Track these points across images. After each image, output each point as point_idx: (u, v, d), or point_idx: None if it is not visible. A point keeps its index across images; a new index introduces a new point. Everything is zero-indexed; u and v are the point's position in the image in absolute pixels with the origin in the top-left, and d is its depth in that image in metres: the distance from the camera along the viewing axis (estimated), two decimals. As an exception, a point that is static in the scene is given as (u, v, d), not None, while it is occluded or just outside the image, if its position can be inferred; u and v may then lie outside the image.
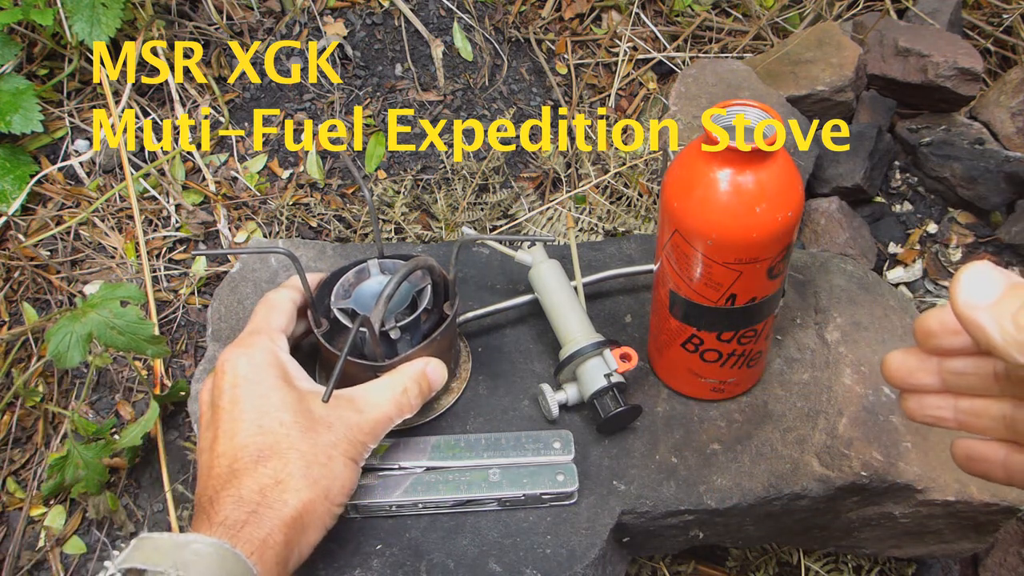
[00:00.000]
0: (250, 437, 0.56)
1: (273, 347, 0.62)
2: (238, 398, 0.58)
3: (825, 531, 0.78)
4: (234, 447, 0.56)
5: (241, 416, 0.57)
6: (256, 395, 0.58)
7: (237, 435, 0.56)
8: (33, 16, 1.02)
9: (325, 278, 0.73)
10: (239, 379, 0.59)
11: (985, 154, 1.07)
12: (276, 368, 0.60)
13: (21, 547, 0.91)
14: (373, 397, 0.63)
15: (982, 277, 0.37)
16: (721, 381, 0.73)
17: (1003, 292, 0.36)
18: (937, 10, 1.25)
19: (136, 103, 1.13)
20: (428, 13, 1.21)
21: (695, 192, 0.61)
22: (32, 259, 1.04)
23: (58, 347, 0.80)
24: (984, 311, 0.36)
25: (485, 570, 0.66)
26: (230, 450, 0.56)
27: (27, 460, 0.96)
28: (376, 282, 0.75)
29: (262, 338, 0.62)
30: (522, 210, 1.14)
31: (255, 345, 0.61)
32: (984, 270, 0.37)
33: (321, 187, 1.14)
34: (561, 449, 0.70)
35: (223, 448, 0.56)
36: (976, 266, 0.37)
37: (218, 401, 0.59)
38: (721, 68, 1.13)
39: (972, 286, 0.37)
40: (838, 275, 0.85)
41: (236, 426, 0.57)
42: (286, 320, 0.66)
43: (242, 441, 0.56)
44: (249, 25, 1.19)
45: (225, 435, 0.56)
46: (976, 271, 0.37)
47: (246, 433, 0.56)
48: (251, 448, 0.56)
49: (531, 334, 0.81)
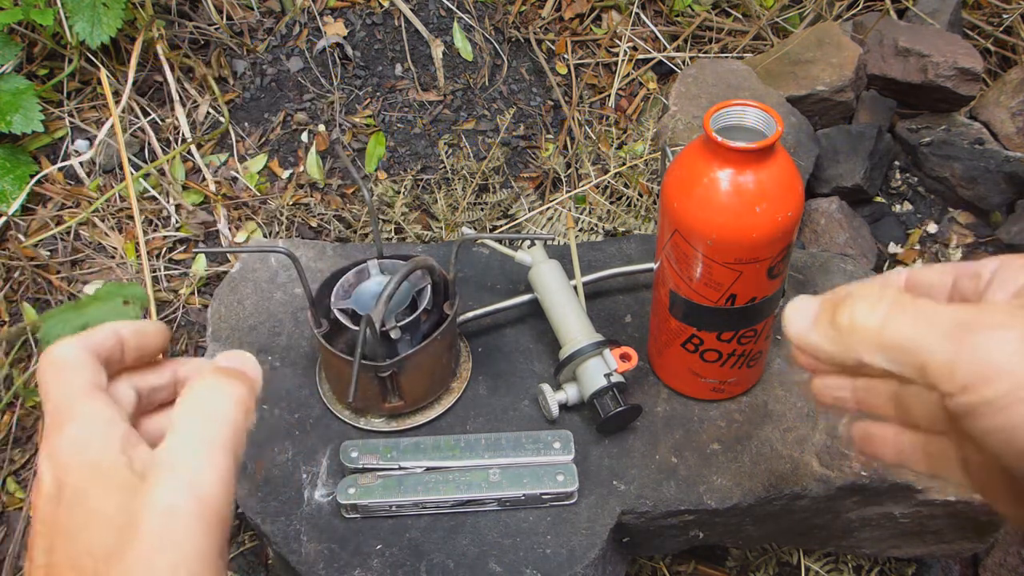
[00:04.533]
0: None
1: (91, 427, 0.42)
2: (53, 519, 0.40)
3: (825, 531, 0.78)
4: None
5: (55, 550, 0.39)
6: (71, 515, 0.39)
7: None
8: (33, 16, 1.02)
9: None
10: (57, 491, 0.40)
11: (985, 154, 1.07)
12: (101, 461, 0.40)
13: (21, 547, 0.91)
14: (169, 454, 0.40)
15: (800, 307, 0.41)
16: (721, 381, 0.73)
17: (817, 310, 0.40)
18: (937, 10, 1.25)
19: (136, 103, 1.13)
20: (428, 13, 1.21)
21: (695, 192, 0.61)
22: (32, 259, 1.04)
23: (50, 332, 0.80)
24: (809, 332, 0.40)
25: (485, 570, 0.66)
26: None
27: (27, 460, 0.96)
28: (376, 282, 0.75)
29: (73, 417, 0.42)
30: (522, 210, 1.14)
31: (68, 432, 0.41)
32: (799, 302, 0.41)
33: (321, 187, 1.14)
34: (561, 449, 0.70)
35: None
36: (793, 303, 0.41)
37: (35, 523, 0.41)
38: (721, 68, 1.13)
39: (795, 318, 0.41)
40: (838, 275, 0.85)
41: (51, 570, 0.39)
42: (91, 373, 0.44)
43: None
44: (249, 25, 1.19)
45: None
46: (794, 306, 0.41)
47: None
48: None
49: (531, 334, 0.81)
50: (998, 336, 0.34)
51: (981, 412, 0.34)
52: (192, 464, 0.38)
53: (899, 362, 0.36)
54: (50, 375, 0.43)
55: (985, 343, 0.34)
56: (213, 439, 0.39)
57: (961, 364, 0.34)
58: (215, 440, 0.39)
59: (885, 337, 0.37)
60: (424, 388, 0.74)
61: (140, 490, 0.38)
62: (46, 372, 0.44)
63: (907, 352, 0.36)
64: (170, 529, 0.37)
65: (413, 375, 0.71)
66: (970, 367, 0.34)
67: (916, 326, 0.36)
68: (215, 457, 0.39)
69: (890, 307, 0.37)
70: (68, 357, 0.44)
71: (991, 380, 0.33)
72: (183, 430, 0.39)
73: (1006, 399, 0.33)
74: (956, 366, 0.34)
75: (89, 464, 0.39)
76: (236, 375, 0.43)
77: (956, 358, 0.34)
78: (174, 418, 0.40)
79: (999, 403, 0.33)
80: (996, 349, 0.34)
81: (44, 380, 0.43)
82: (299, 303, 0.84)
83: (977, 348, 0.34)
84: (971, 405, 0.34)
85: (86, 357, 0.44)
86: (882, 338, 0.37)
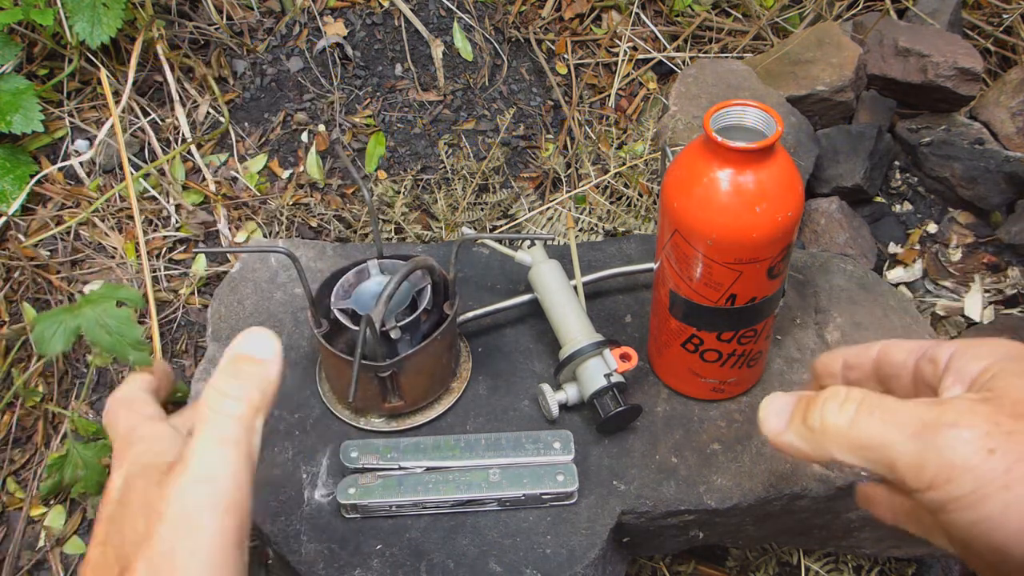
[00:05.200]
0: (110, 567, 0.44)
1: (156, 442, 0.49)
2: (110, 518, 0.46)
3: (825, 531, 0.78)
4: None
5: (107, 543, 0.45)
6: (122, 510, 0.45)
7: (99, 568, 0.44)
8: (33, 16, 1.02)
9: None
10: (119, 495, 0.46)
11: (985, 154, 1.07)
12: (152, 463, 0.47)
13: (21, 547, 0.91)
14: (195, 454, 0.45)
15: (774, 406, 0.43)
16: (721, 381, 0.73)
17: (791, 409, 0.42)
18: (937, 10, 1.25)
19: (136, 103, 1.13)
20: (428, 13, 1.21)
21: (695, 192, 0.61)
22: (32, 259, 1.04)
23: (43, 333, 0.80)
24: (783, 433, 0.42)
25: (485, 570, 0.66)
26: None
27: (27, 460, 0.96)
28: (376, 282, 0.75)
29: (142, 436, 0.50)
30: (522, 210, 1.14)
31: (136, 447, 0.49)
32: (773, 401, 0.43)
33: (321, 187, 1.14)
34: (561, 449, 0.70)
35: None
36: (767, 401, 0.43)
37: (96, 526, 0.46)
38: (721, 68, 1.13)
39: (769, 418, 0.43)
40: (838, 275, 0.85)
41: (100, 559, 0.44)
42: (154, 408, 0.54)
43: (103, 573, 0.44)
44: (249, 25, 1.19)
45: (90, 571, 0.44)
46: (767, 406, 0.43)
47: (108, 565, 0.44)
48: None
49: (531, 334, 0.81)
50: (959, 435, 0.35)
51: (950, 508, 0.35)
52: (205, 459, 0.43)
53: (869, 460, 0.38)
54: (120, 410, 0.53)
55: (947, 442, 0.35)
56: (224, 437, 0.44)
57: (927, 463, 0.36)
58: (226, 438, 0.44)
59: (854, 437, 0.38)
60: (424, 388, 0.74)
61: (163, 483, 0.43)
62: (117, 407, 0.53)
63: (876, 451, 0.37)
64: (187, 515, 0.41)
65: (413, 375, 0.71)
66: (935, 466, 0.35)
67: (883, 426, 0.38)
68: (226, 453, 0.44)
69: (858, 407, 0.39)
70: (134, 395, 0.55)
71: (955, 479, 0.35)
72: (198, 431, 0.45)
73: (972, 497, 0.34)
74: (923, 465, 0.36)
75: (143, 467, 0.46)
76: (247, 370, 0.47)
77: (922, 458, 0.36)
78: (195, 421, 0.45)
79: (965, 500, 0.35)
80: (958, 448, 0.35)
81: (114, 413, 0.53)
82: (299, 303, 0.84)
83: (941, 448, 0.35)
84: (940, 502, 0.36)
85: (146, 394, 0.55)
86: (851, 438, 0.39)
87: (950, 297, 1.02)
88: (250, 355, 0.48)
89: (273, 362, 0.48)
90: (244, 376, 0.47)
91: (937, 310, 1.00)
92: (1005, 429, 0.35)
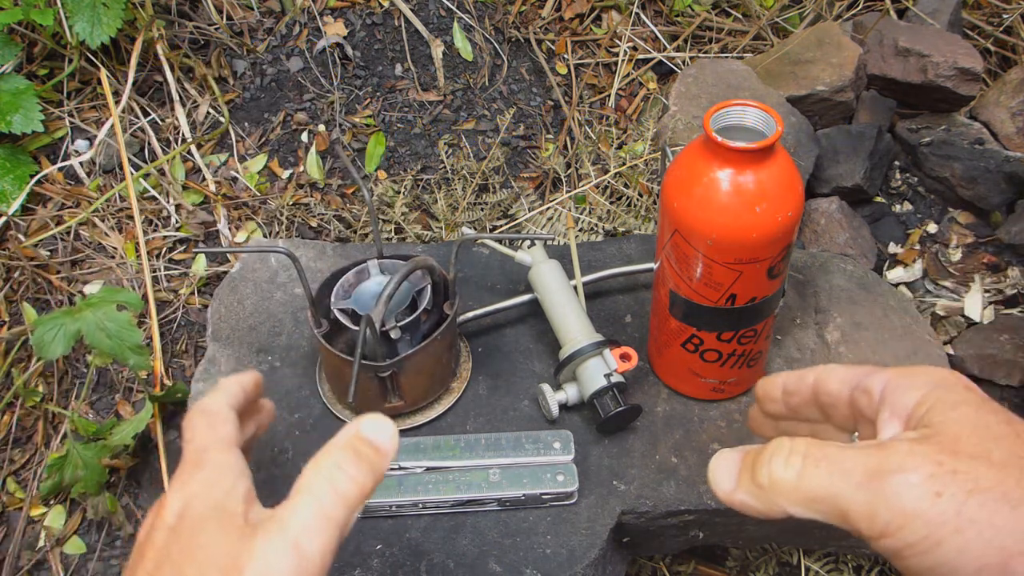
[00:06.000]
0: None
1: (224, 473, 0.47)
2: (165, 548, 0.43)
3: (825, 531, 0.78)
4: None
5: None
6: (184, 548, 0.43)
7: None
8: (33, 16, 1.02)
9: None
10: (176, 522, 0.44)
11: (985, 154, 1.07)
12: (224, 504, 0.45)
13: (21, 547, 0.91)
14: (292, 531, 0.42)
15: (722, 466, 0.43)
16: (721, 381, 0.73)
17: (739, 467, 0.42)
18: (937, 10, 1.25)
19: (136, 103, 1.13)
20: (428, 13, 1.21)
21: (695, 192, 0.61)
22: (32, 259, 1.04)
23: (43, 337, 0.80)
24: (735, 492, 0.42)
25: (485, 570, 0.66)
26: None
27: (27, 460, 0.95)
28: (376, 282, 0.75)
29: (211, 461, 0.47)
30: (522, 210, 1.14)
31: (202, 473, 0.47)
32: (721, 460, 0.43)
33: (321, 187, 1.14)
34: (561, 449, 0.70)
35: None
36: (715, 459, 0.43)
37: (144, 546, 0.44)
38: (721, 68, 1.13)
39: (719, 477, 0.43)
40: (838, 275, 0.84)
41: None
42: (232, 428, 0.51)
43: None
44: (249, 25, 1.19)
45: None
46: (716, 465, 0.43)
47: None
48: None
49: (531, 334, 0.81)
50: (904, 479, 0.35)
51: (905, 555, 0.35)
52: (302, 528, 0.41)
53: (821, 512, 0.38)
54: (200, 422, 0.49)
55: (894, 489, 0.35)
56: (327, 513, 0.42)
57: (878, 512, 0.35)
58: (329, 514, 0.42)
59: (804, 491, 0.38)
60: (424, 388, 0.74)
61: (250, 538, 0.41)
62: (198, 419, 0.50)
63: (827, 503, 0.37)
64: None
65: (413, 375, 0.71)
66: (886, 514, 0.35)
67: (830, 478, 0.37)
68: (324, 529, 0.42)
69: (803, 460, 0.39)
70: (218, 410, 0.51)
71: (906, 525, 0.35)
72: (303, 497, 0.43)
73: (925, 543, 0.34)
74: (874, 514, 0.35)
75: (212, 505, 0.43)
76: (367, 454, 0.45)
77: (872, 507, 0.36)
78: (299, 484, 0.43)
79: (919, 547, 0.34)
80: (904, 494, 0.35)
81: (193, 425, 0.49)
82: (299, 303, 0.84)
83: (888, 496, 0.35)
84: (894, 549, 0.35)
85: (231, 414, 0.51)
86: (801, 492, 0.38)
87: (950, 297, 1.02)
88: (374, 441, 0.46)
89: (391, 456, 0.47)
90: (364, 459, 0.45)
91: (937, 310, 1.00)
92: (948, 468, 0.35)
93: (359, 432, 0.46)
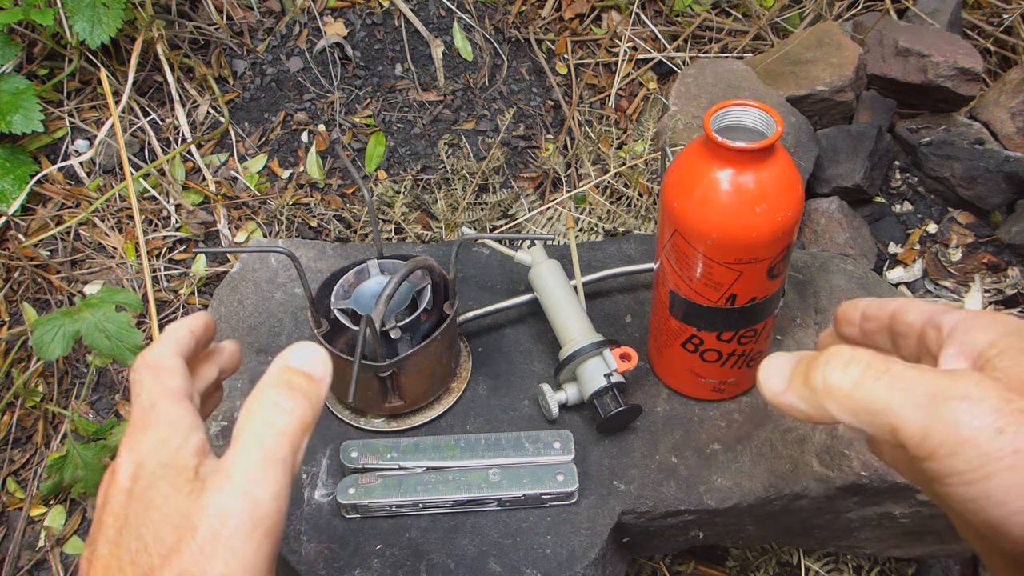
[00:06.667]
0: (126, 573, 0.41)
1: (174, 428, 0.45)
2: (123, 511, 0.42)
3: (825, 531, 0.78)
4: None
5: (120, 543, 0.41)
6: (140, 509, 0.42)
7: (111, 570, 0.41)
8: (33, 16, 1.02)
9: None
10: (131, 484, 0.43)
11: (985, 154, 1.07)
12: (175, 461, 0.43)
13: (21, 547, 0.91)
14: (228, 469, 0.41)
15: (774, 367, 0.42)
16: (721, 381, 0.73)
17: (791, 369, 0.42)
18: (937, 10, 1.25)
19: (136, 103, 1.13)
20: (428, 13, 1.21)
21: (695, 192, 0.61)
22: (32, 259, 1.04)
23: (42, 338, 0.80)
24: (784, 393, 0.41)
25: (485, 570, 0.66)
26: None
27: (27, 460, 0.96)
28: (376, 282, 0.75)
29: (159, 417, 0.45)
30: (522, 210, 1.14)
31: (152, 430, 0.45)
32: (773, 361, 0.43)
33: (321, 187, 1.14)
34: (561, 449, 0.70)
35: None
36: (767, 361, 0.43)
37: (102, 514, 0.43)
38: (721, 68, 1.13)
39: (769, 379, 0.42)
40: (838, 275, 0.84)
41: (111, 560, 0.41)
42: (181, 379, 0.48)
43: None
44: (249, 25, 1.19)
45: (99, 568, 0.41)
46: (767, 366, 0.43)
47: (122, 569, 0.41)
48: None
49: (531, 334, 0.81)
50: (969, 409, 0.35)
51: (949, 481, 0.35)
52: (248, 475, 0.40)
53: (871, 424, 0.37)
54: (146, 376, 0.47)
55: (957, 415, 0.35)
56: (271, 455, 0.40)
57: (932, 433, 0.35)
58: (274, 456, 0.40)
59: (857, 399, 0.38)
60: (424, 388, 0.74)
61: (200, 494, 0.40)
62: (143, 372, 0.47)
63: (879, 416, 0.37)
64: (224, 534, 0.38)
65: (413, 375, 0.71)
66: (941, 437, 0.35)
67: (888, 391, 0.37)
68: (271, 471, 0.40)
69: (863, 370, 0.38)
70: (163, 361, 0.48)
71: (960, 453, 0.34)
72: (244, 443, 0.41)
73: (975, 473, 0.34)
74: (927, 435, 0.35)
75: (164, 463, 0.42)
76: (300, 384, 0.43)
77: (928, 427, 0.35)
78: (237, 429, 0.41)
79: (968, 476, 0.34)
80: (967, 422, 0.35)
81: (139, 380, 0.47)
82: (299, 303, 0.84)
83: (948, 420, 0.35)
84: (940, 472, 0.35)
85: (179, 362, 0.48)
86: (854, 400, 0.38)
87: (950, 297, 1.02)
88: (304, 370, 0.44)
89: (325, 381, 0.45)
90: (296, 389, 0.43)
91: (937, 310, 1.00)
92: (1016, 407, 0.35)
93: (288, 364, 0.44)
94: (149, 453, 0.43)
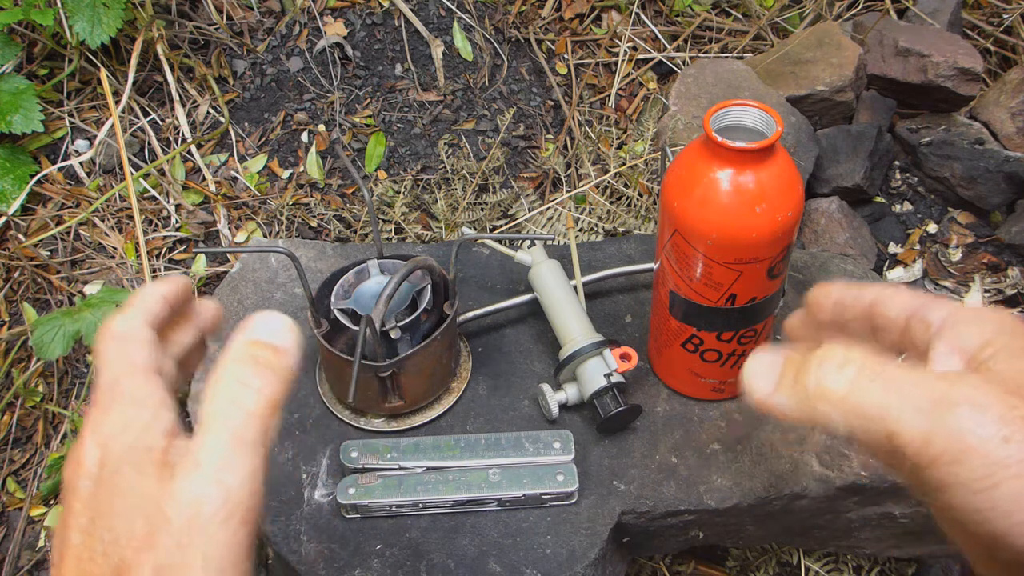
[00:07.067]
0: (98, 564, 0.39)
1: (141, 407, 0.42)
2: (92, 499, 0.40)
3: (825, 531, 0.78)
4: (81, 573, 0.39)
5: (92, 533, 0.39)
6: (109, 497, 0.39)
7: (83, 560, 0.39)
8: (33, 16, 1.02)
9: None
10: (98, 470, 0.40)
11: (985, 154, 1.07)
12: (142, 443, 0.40)
13: (21, 547, 0.91)
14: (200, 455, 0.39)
15: (759, 367, 0.40)
16: (721, 381, 0.73)
17: (780, 370, 0.40)
18: (937, 10, 1.25)
19: (136, 103, 1.13)
20: (428, 13, 1.21)
21: (695, 192, 0.61)
22: (32, 259, 1.04)
23: (42, 338, 0.80)
24: (776, 395, 0.39)
25: (485, 570, 0.66)
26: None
27: (27, 460, 0.96)
28: (376, 282, 0.75)
29: (124, 394, 0.42)
30: (522, 210, 1.14)
31: (116, 410, 0.41)
32: (757, 361, 0.41)
33: (321, 187, 1.14)
34: (561, 449, 0.70)
35: (68, 570, 0.39)
36: (751, 361, 0.41)
37: (70, 499, 0.40)
38: (721, 68, 1.13)
39: (756, 380, 0.40)
40: (838, 275, 0.85)
41: (83, 551, 0.39)
42: (149, 351, 0.44)
43: (89, 568, 0.39)
44: (249, 25, 1.19)
45: (71, 557, 0.39)
46: (752, 367, 0.40)
47: (94, 560, 0.39)
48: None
49: (531, 334, 0.81)
50: (973, 416, 0.34)
51: (952, 489, 0.34)
52: (218, 461, 0.37)
53: (864, 428, 0.36)
54: (111, 349, 0.43)
55: (961, 422, 0.34)
56: (241, 437, 0.38)
57: (935, 440, 0.34)
58: (244, 437, 0.38)
59: (853, 403, 0.36)
60: (424, 388, 0.74)
61: (169, 481, 0.37)
62: (107, 345, 0.43)
63: (875, 421, 0.36)
64: (199, 525, 0.36)
65: (413, 375, 0.71)
66: (944, 444, 0.34)
67: (886, 396, 0.36)
68: (241, 455, 0.38)
69: (858, 371, 0.37)
70: (130, 332, 0.44)
71: (965, 461, 0.33)
72: (211, 425, 0.38)
73: (981, 482, 0.33)
74: (929, 441, 0.34)
75: (130, 446, 0.39)
76: (267, 358, 0.40)
77: (929, 434, 0.34)
78: (202, 413, 0.39)
79: (973, 485, 0.33)
80: (973, 429, 0.33)
81: (103, 352, 0.43)
82: (299, 303, 0.84)
83: (952, 427, 0.34)
84: (941, 481, 0.34)
85: (147, 333, 0.44)
86: (850, 404, 0.36)
87: (950, 297, 1.02)
88: (268, 342, 0.41)
89: (293, 352, 0.41)
90: (263, 365, 0.40)
91: (937, 310, 1.00)
92: (1019, 414, 0.33)
93: (251, 337, 0.41)
94: (114, 435, 0.40)
